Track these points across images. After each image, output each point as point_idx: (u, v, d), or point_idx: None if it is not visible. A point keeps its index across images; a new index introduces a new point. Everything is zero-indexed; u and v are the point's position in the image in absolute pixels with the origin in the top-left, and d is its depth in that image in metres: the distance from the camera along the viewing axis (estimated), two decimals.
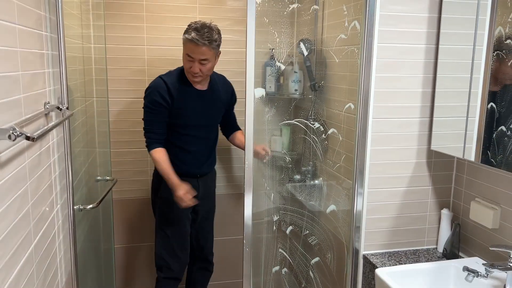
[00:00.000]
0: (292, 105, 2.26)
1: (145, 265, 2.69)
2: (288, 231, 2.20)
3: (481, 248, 1.67)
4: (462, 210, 1.78)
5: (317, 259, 2.13)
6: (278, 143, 2.37)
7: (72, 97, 1.79)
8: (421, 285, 1.55)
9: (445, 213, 1.78)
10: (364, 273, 1.78)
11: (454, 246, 1.72)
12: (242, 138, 2.28)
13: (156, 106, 2.05)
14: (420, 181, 1.79)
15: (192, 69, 2.00)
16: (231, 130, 2.37)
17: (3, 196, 0.97)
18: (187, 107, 2.09)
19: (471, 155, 1.58)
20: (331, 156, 2.05)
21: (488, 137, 1.51)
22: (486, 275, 1.36)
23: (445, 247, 1.75)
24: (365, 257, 1.77)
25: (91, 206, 1.68)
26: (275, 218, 2.15)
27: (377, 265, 1.67)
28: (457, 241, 1.72)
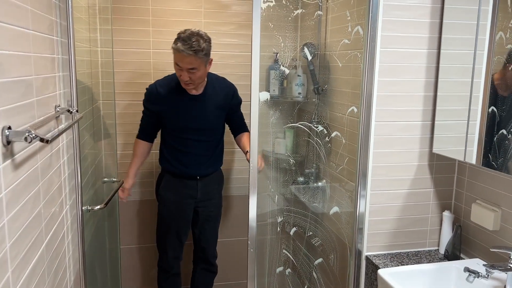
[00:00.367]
0: (296, 108, 2.29)
1: (150, 266, 2.72)
2: (292, 232, 2.23)
3: (482, 249, 1.70)
4: (463, 212, 1.80)
5: (320, 260, 2.16)
6: (282, 145, 2.40)
7: (80, 100, 1.83)
8: (423, 285, 1.58)
9: (447, 215, 1.80)
10: (366, 274, 1.80)
11: (456, 247, 1.75)
12: (244, 140, 2.31)
13: (145, 109, 2.25)
14: (422, 183, 1.82)
15: (182, 77, 2.06)
16: (236, 132, 2.40)
17: (18, 196, 1.00)
18: (179, 111, 2.18)
19: (472, 158, 1.61)
20: (334, 159, 2.08)
21: (489, 141, 1.53)
22: (486, 275, 1.39)
23: (447, 248, 1.78)
24: (367, 258, 1.79)
25: (98, 207, 1.71)
26: (279, 220, 2.18)
27: (379, 266, 1.70)
28: (458, 242, 1.75)
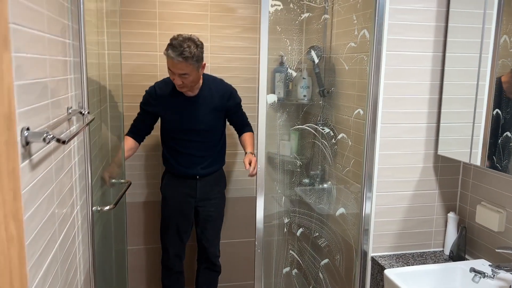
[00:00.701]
0: (302, 111, 2.32)
1: (157, 267, 2.73)
2: (298, 233, 2.24)
3: (487, 250, 1.71)
4: (468, 213, 1.82)
5: (326, 260, 2.18)
6: (287, 147, 2.42)
7: (90, 102, 1.85)
8: (429, 285, 1.60)
9: (452, 217, 1.82)
10: (372, 275, 1.82)
11: (461, 248, 1.77)
12: (245, 140, 2.35)
13: (141, 110, 2.31)
14: (427, 185, 1.83)
15: (175, 81, 2.12)
16: (239, 132, 2.44)
17: (35, 196, 1.03)
18: (175, 113, 2.24)
19: (477, 160, 1.63)
20: (340, 160, 2.10)
21: (494, 143, 1.55)
22: (492, 276, 1.40)
23: (452, 249, 1.79)
24: (373, 259, 1.81)
25: (108, 207, 1.73)
26: (286, 221, 2.20)
27: (385, 266, 1.71)
28: (463, 243, 1.76)
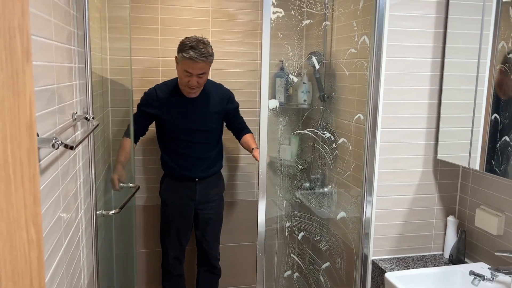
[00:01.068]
0: (302, 116, 2.34)
1: (158, 270, 2.74)
2: (299, 237, 2.26)
3: (486, 254, 1.73)
4: (467, 217, 1.84)
5: (327, 264, 2.19)
6: (287, 151, 2.44)
7: (94, 107, 1.87)
8: None
9: (451, 220, 1.84)
10: (372, 278, 1.84)
11: (460, 252, 1.79)
12: (248, 139, 2.38)
13: (139, 111, 2.33)
14: (426, 189, 1.86)
15: (190, 83, 2.15)
16: (239, 135, 2.47)
17: (43, 201, 1.05)
18: (177, 113, 2.27)
19: (476, 164, 1.65)
20: (341, 165, 2.12)
21: (492, 147, 1.58)
22: (491, 278, 1.42)
23: (451, 253, 1.81)
24: (373, 262, 1.83)
25: (113, 212, 1.75)
26: (287, 225, 2.22)
27: (385, 270, 1.73)
28: (462, 247, 1.78)
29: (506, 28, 1.53)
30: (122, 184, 2.16)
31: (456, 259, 1.79)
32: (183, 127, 2.30)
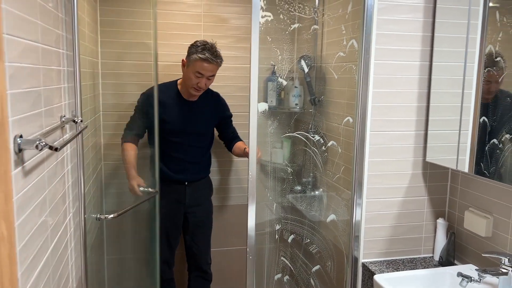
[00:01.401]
0: (293, 119, 2.35)
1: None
2: (289, 240, 2.26)
3: (475, 255, 1.74)
4: (457, 219, 1.85)
5: (317, 267, 2.19)
6: (279, 155, 2.45)
7: (83, 110, 1.87)
8: None
9: (441, 223, 1.85)
10: (363, 281, 1.84)
11: (450, 254, 1.79)
12: (240, 144, 2.40)
13: (143, 109, 2.27)
14: (416, 191, 1.86)
15: (199, 84, 2.19)
16: (231, 143, 2.47)
17: (27, 202, 1.04)
18: (174, 114, 2.28)
19: (465, 167, 1.66)
20: (330, 168, 2.13)
21: (481, 150, 1.59)
22: (479, 280, 1.43)
23: (441, 255, 1.82)
24: (364, 265, 1.83)
25: (111, 215, 1.76)
26: (277, 227, 2.22)
27: (375, 272, 1.73)
28: (452, 249, 1.79)
29: (493, 32, 1.55)
30: (142, 189, 2.14)
31: (446, 261, 1.79)
32: (180, 129, 2.31)
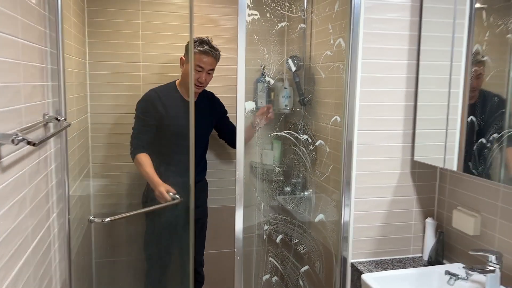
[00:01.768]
0: (281, 119, 2.35)
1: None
2: (278, 240, 2.25)
3: (463, 254, 1.73)
4: (445, 218, 1.84)
5: (306, 267, 2.17)
6: (270, 156, 2.44)
7: (68, 110, 1.85)
8: None
9: (430, 222, 1.84)
10: (352, 281, 1.82)
11: (439, 253, 1.78)
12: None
13: (146, 116, 2.21)
14: (405, 191, 1.86)
15: (200, 78, 2.18)
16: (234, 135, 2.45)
17: (4, 199, 1.02)
18: (177, 116, 2.24)
19: (453, 165, 1.65)
20: (319, 167, 2.12)
21: (469, 149, 1.58)
22: (466, 277, 1.42)
23: (430, 255, 1.81)
24: (353, 265, 1.82)
25: (108, 219, 1.77)
26: (265, 228, 2.21)
27: (364, 272, 1.72)
28: (441, 248, 1.78)
29: (480, 32, 1.55)
30: (171, 194, 2.10)
31: (435, 261, 1.78)
32: (183, 132, 2.27)
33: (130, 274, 2.72)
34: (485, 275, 1.40)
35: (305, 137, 2.16)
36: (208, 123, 2.41)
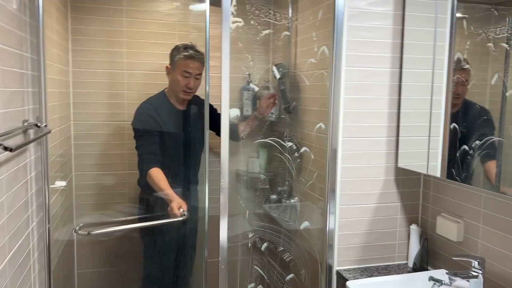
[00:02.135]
0: (267, 126, 2.34)
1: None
2: (263, 248, 2.23)
3: (447, 260, 1.74)
4: (429, 225, 1.85)
5: (291, 275, 2.16)
6: (256, 164, 2.43)
7: (50, 118, 1.82)
8: None
9: (414, 229, 1.84)
10: None
11: (423, 260, 1.79)
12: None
13: (149, 129, 2.18)
14: (389, 197, 1.86)
15: (188, 84, 2.16)
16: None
17: None
18: (172, 127, 2.23)
19: (436, 172, 1.67)
20: (304, 174, 2.12)
21: (452, 155, 1.60)
22: (449, 283, 1.42)
23: (415, 261, 1.81)
24: (338, 273, 1.81)
25: (100, 231, 1.77)
26: (250, 235, 2.19)
27: (349, 279, 1.71)
28: (425, 255, 1.79)
29: (461, 40, 1.57)
30: (182, 211, 2.02)
31: (420, 267, 1.79)
32: (179, 141, 2.27)
33: (118, 285, 2.67)
34: (468, 281, 1.41)
35: (290, 144, 2.16)
36: (199, 127, 2.34)
